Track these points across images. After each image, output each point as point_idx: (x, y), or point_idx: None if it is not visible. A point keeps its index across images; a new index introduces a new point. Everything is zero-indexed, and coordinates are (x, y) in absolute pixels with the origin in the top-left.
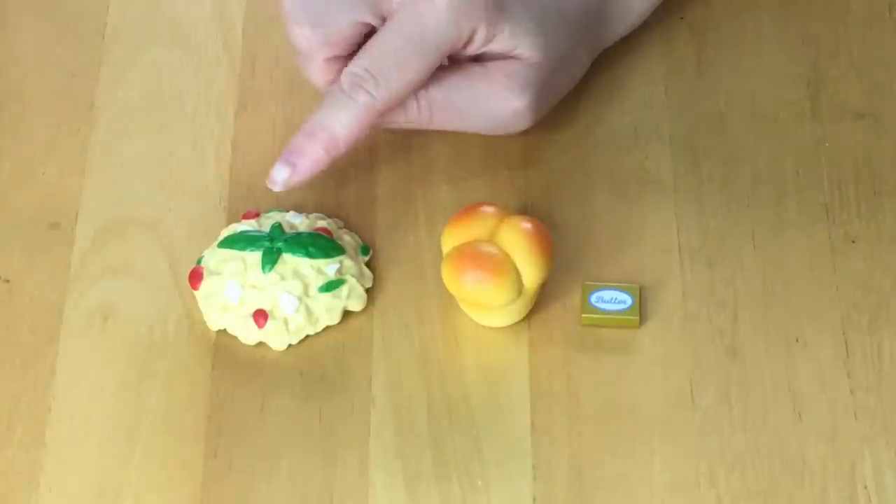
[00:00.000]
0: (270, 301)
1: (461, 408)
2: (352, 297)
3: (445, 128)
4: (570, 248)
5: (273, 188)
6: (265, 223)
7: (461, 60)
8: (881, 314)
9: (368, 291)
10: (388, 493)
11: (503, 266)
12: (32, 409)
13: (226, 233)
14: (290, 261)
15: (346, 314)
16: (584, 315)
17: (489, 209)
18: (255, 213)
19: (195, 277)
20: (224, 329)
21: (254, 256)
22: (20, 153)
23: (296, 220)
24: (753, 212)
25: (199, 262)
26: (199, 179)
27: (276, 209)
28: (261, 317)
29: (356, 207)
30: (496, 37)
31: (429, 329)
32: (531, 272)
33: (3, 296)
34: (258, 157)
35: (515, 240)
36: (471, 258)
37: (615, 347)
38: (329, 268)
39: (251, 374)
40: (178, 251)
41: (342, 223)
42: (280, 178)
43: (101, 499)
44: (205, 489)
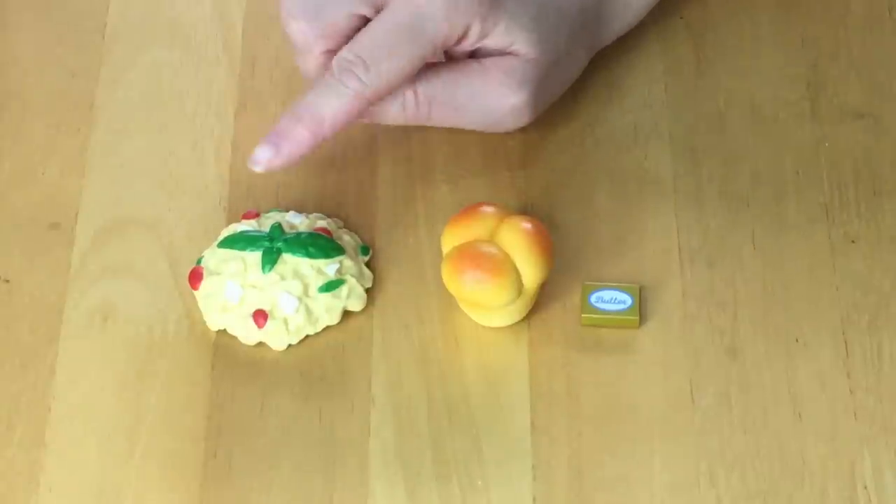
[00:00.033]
0: (270, 301)
1: (461, 408)
2: (352, 297)
3: (443, 124)
4: (570, 248)
5: (254, 168)
6: (265, 223)
7: (458, 56)
8: (881, 314)
9: (368, 291)
10: (388, 493)
11: (503, 266)
12: (32, 409)
13: (226, 233)
14: (290, 261)
15: (346, 314)
16: (584, 315)
17: (489, 209)
18: (255, 213)
19: (195, 277)
20: (224, 329)
21: (254, 256)
22: (20, 153)
23: (296, 220)
24: (753, 212)
25: (199, 262)
26: (199, 179)
27: (276, 209)
28: (261, 317)
29: (356, 207)
30: (491, 32)
31: (429, 329)
32: (531, 272)
33: (3, 296)
34: None
35: (515, 240)
36: (471, 258)
37: (615, 347)
38: (329, 268)
39: (251, 374)
40: (178, 251)
41: (342, 223)
42: (262, 158)
43: (101, 499)
44: (205, 489)
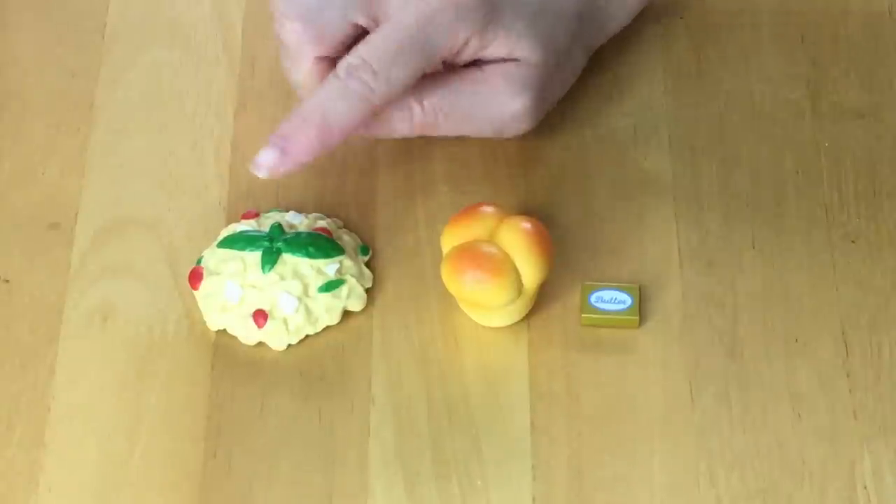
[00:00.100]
0: (270, 301)
1: (461, 408)
2: (351, 297)
3: (449, 133)
4: (570, 249)
5: (257, 173)
6: (265, 223)
7: (458, 65)
8: (881, 314)
9: (368, 291)
10: (388, 493)
11: (503, 266)
12: (32, 409)
13: (225, 233)
14: (290, 261)
15: (346, 314)
16: (584, 315)
17: (489, 209)
18: (255, 213)
19: (195, 277)
20: (224, 329)
21: (253, 256)
22: (20, 153)
23: (295, 220)
24: (753, 211)
25: (199, 262)
26: (199, 179)
27: (276, 209)
28: (260, 317)
29: (356, 207)
30: (490, 44)
31: (428, 329)
32: (531, 272)
33: (3, 296)
34: None
35: (515, 240)
36: (470, 258)
37: (615, 347)
38: (329, 268)
39: (251, 374)
40: (178, 251)
41: (342, 223)
42: (267, 163)
43: (101, 499)
44: (204, 489)
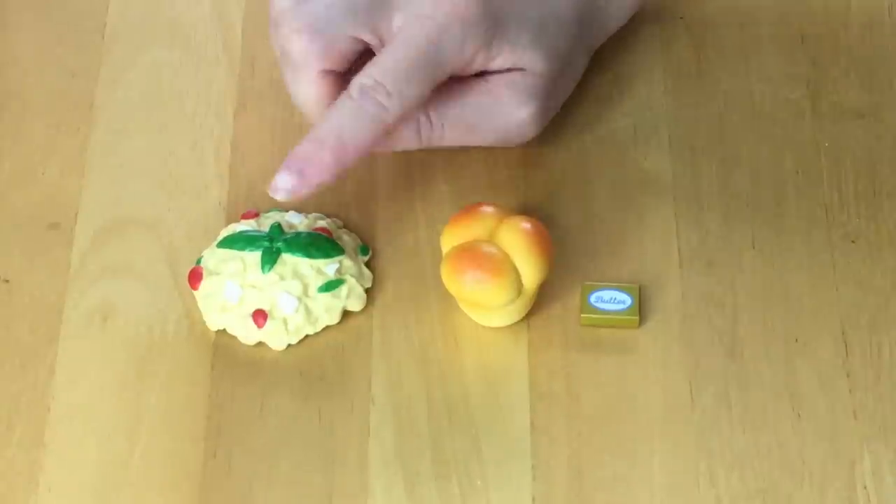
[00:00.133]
0: (270, 301)
1: (461, 408)
2: (351, 297)
3: (456, 144)
4: (570, 248)
5: (275, 196)
6: (264, 223)
7: (464, 77)
8: (881, 314)
9: (368, 291)
10: (388, 493)
11: (503, 266)
12: (32, 409)
13: (225, 233)
14: (290, 261)
15: (346, 314)
16: (584, 315)
17: (489, 209)
18: (255, 213)
19: (194, 277)
20: (223, 329)
21: (253, 256)
22: (20, 153)
23: (295, 220)
24: (753, 211)
25: (199, 262)
26: (199, 179)
27: (276, 209)
28: (260, 317)
29: (356, 207)
30: (495, 58)
31: (428, 329)
32: (530, 272)
33: (3, 296)
34: (258, 157)
35: (515, 240)
36: (470, 258)
37: (615, 347)
38: (328, 268)
39: (251, 374)
40: (178, 251)
41: (342, 223)
42: (285, 186)
43: (101, 499)
44: (204, 489)
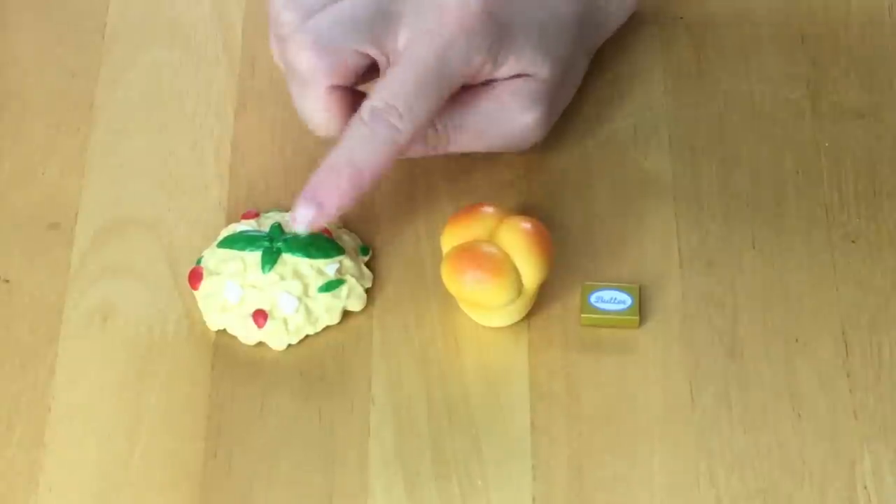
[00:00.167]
0: (270, 301)
1: (461, 408)
2: (351, 297)
3: (462, 150)
4: (570, 248)
5: (296, 229)
6: (265, 223)
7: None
8: (881, 314)
9: (368, 291)
10: (388, 493)
11: (503, 266)
12: (32, 409)
13: (225, 233)
14: (290, 261)
15: (346, 314)
16: (584, 315)
17: (489, 209)
18: (255, 213)
19: (195, 277)
20: (224, 329)
21: (253, 256)
22: (20, 153)
23: None
24: (753, 211)
25: (199, 262)
26: (199, 179)
27: (276, 209)
28: (260, 317)
29: (356, 207)
30: (501, 68)
31: (429, 329)
32: (531, 272)
33: (3, 296)
34: (258, 157)
35: (515, 240)
36: (471, 258)
37: (615, 347)
38: (329, 268)
39: (251, 374)
40: (178, 251)
41: (342, 223)
42: (305, 219)
43: (101, 499)
44: (205, 489)
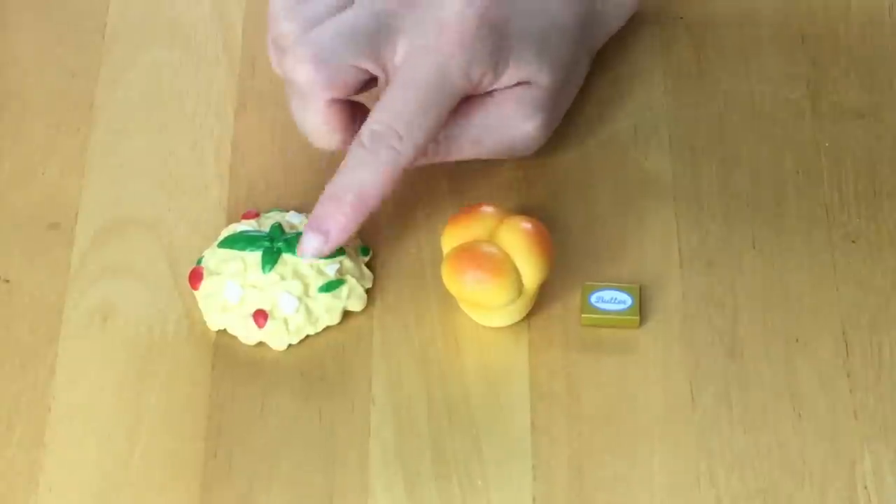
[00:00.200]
0: (270, 301)
1: (461, 408)
2: (352, 298)
3: (463, 157)
4: (570, 249)
5: (304, 259)
6: (265, 223)
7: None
8: (881, 314)
9: (368, 291)
10: (388, 493)
11: (503, 266)
12: (32, 409)
13: (226, 233)
14: (290, 261)
15: (346, 314)
16: (584, 315)
17: (489, 209)
18: (255, 213)
19: (195, 277)
20: (224, 329)
21: (254, 256)
22: (20, 153)
23: (296, 220)
24: (753, 211)
25: (199, 262)
26: (199, 179)
27: (276, 209)
28: (261, 317)
29: None
30: (501, 78)
31: (429, 329)
32: (531, 272)
33: (3, 296)
34: (258, 157)
35: (515, 240)
36: (471, 258)
37: (615, 347)
38: (329, 268)
39: (251, 374)
40: (178, 251)
41: None
42: (312, 250)
43: (101, 499)
44: (205, 489)
